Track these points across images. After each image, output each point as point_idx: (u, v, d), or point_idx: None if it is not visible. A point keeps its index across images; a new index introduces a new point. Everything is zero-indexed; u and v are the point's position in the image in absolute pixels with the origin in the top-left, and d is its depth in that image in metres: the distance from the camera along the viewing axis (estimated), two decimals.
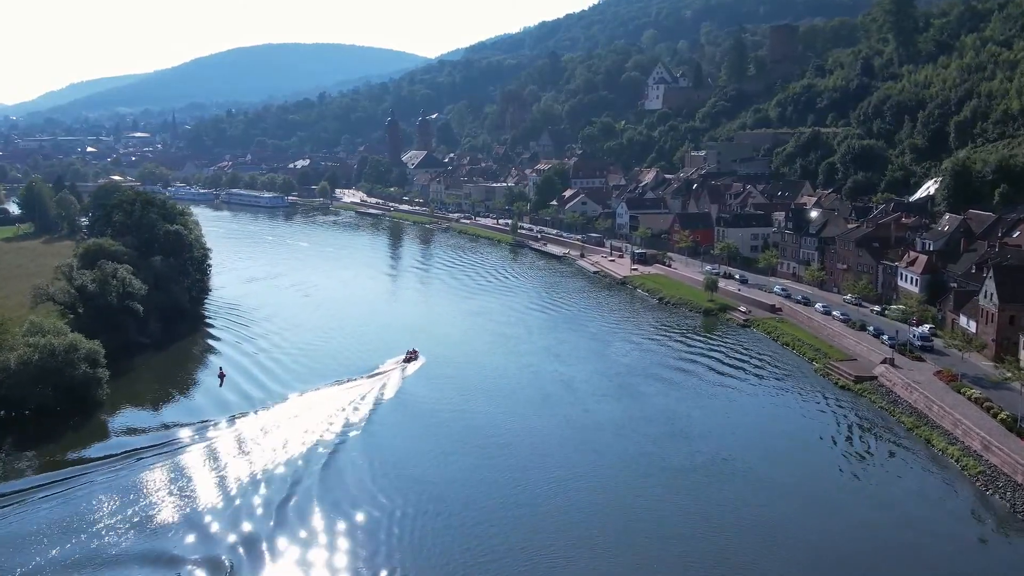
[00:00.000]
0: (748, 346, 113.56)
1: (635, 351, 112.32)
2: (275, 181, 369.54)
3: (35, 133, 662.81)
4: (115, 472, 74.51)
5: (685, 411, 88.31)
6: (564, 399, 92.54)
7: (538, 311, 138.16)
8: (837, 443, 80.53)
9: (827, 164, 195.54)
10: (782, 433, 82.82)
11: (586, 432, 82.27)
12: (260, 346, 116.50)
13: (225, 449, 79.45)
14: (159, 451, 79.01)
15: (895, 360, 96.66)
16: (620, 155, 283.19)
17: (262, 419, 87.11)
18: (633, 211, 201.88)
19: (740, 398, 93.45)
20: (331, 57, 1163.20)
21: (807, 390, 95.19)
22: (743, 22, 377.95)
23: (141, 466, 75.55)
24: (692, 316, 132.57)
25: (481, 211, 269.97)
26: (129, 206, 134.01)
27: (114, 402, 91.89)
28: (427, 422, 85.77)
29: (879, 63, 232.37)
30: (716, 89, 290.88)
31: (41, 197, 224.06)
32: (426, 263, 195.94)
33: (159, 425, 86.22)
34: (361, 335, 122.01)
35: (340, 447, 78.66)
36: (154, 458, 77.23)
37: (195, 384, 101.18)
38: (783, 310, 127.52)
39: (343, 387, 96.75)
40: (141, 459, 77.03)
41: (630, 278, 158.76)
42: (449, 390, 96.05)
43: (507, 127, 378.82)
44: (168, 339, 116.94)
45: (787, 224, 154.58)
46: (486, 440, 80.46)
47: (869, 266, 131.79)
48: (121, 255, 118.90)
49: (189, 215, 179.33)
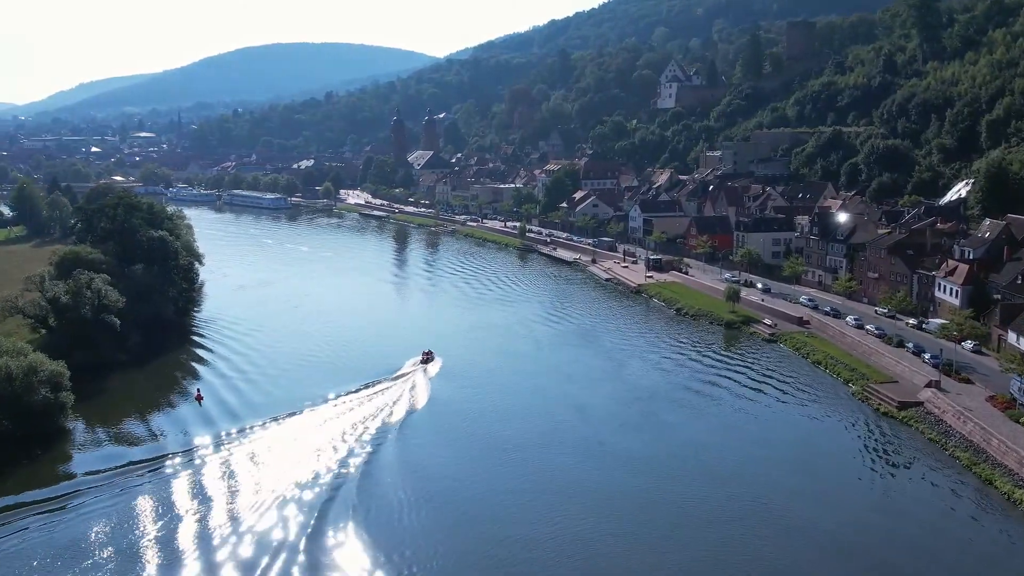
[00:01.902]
0: (776, 364, 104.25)
1: (653, 371, 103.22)
2: (278, 182, 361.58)
3: (42, 133, 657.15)
4: (76, 509, 66.96)
5: (712, 444, 79.03)
6: (576, 429, 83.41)
7: (547, 323, 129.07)
8: (889, 486, 71.20)
9: (850, 165, 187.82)
10: (825, 472, 73.24)
11: (602, 472, 72.87)
12: (252, 361, 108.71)
13: (198, 483, 71.34)
14: (123, 485, 71.41)
15: (941, 383, 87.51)
16: (632, 155, 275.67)
17: (243, 447, 79.06)
18: (647, 214, 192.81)
19: (772, 427, 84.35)
20: (339, 56, 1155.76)
21: (846, 418, 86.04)
22: (757, 19, 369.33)
23: (103, 502, 67.88)
24: (713, 330, 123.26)
25: (488, 213, 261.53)
26: (112, 210, 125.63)
27: (81, 429, 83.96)
28: (422, 474, 74.98)
29: (902, 60, 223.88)
30: (731, 87, 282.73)
31: (33, 199, 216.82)
32: (428, 269, 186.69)
33: (124, 457, 77.69)
34: (351, 352, 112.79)
35: (328, 503, 68.60)
36: (115, 496, 69.34)
37: (172, 406, 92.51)
38: (811, 323, 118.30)
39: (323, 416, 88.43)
40: (100, 496, 69.22)
41: (645, 286, 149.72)
42: (448, 423, 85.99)
43: (515, 126, 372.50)
44: (149, 355, 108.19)
45: (812, 229, 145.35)
46: (482, 491, 70.20)
47: (903, 275, 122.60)
48: (99, 264, 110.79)
49: (182, 219, 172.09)
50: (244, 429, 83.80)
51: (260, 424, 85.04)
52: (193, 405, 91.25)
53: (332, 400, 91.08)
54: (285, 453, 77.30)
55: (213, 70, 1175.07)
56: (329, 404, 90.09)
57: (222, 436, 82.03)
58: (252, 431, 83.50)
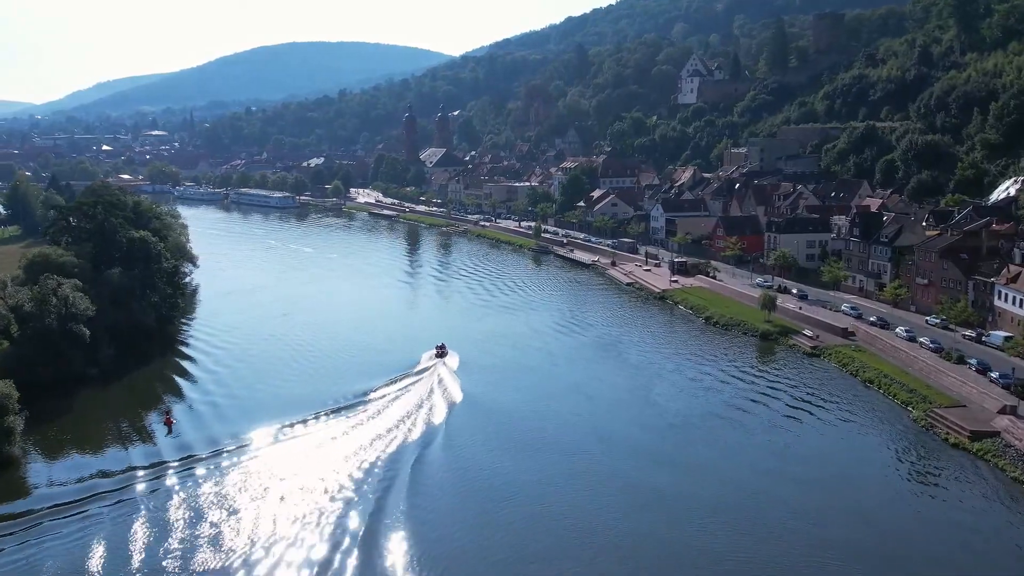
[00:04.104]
0: (821, 384, 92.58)
1: (683, 393, 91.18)
2: (286, 180, 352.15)
3: (55, 132, 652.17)
4: (19, 546, 58.58)
5: (760, 488, 66.69)
6: (599, 465, 71.45)
7: (564, 333, 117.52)
8: (973, 542, 59.04)
9: (885, 162, 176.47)
10: (897, 529, 60.90)
11: (628, 521, 61.48)
12: (238, 375, 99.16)
13: (150, 522, 61.85)
14: (82, 516, 62.95)
15: (1018, 408, 76.04)
16: (652, 153, 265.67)
17: (211, 483, 68.74)
18: (670, 213, 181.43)
19: (826, 463, 71.76)
20: (355, 55, 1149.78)
21: (910, 451, 74.48)
22: (779, 13, 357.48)
23: (29, 548, 58.64)
24: (747, 342, 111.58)
25: (502, 212, 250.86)
26: (90, 209, 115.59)
27: (32, 456, 73.93)
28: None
29: (938, 51, 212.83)
30: (755, 82, 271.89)
31: (27, 198, 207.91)
32: (437, 273, 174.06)
33: (77, 488, 67.91)
34: (341, 369, 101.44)
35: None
36: (71, 529, 60.84)
37: (140, 430, 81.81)
38: (857, 334, 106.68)
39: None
40: (46, 531, 60.73)
41: (670, 292, 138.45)
42: (458, 459, 74.30)
43: (531, 124, 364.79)
44: (124, 368, 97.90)
45: (852, 230, 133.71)
46: (492, 541, 59.61)
47: (957, 282, 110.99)
48: (71, 267, 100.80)
49: (176, 217, 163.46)
50: (216, 454, 73.72)
51: (235, 448, 74.90)
52: (162, 430, 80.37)
53: (306, 430, 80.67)
54: (259, 492, 66.94)
55: (229, 69, 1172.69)
56: (306, 434, 79.71)
57: (191, 465, 71.84)
58: (225, 457, 73.34)
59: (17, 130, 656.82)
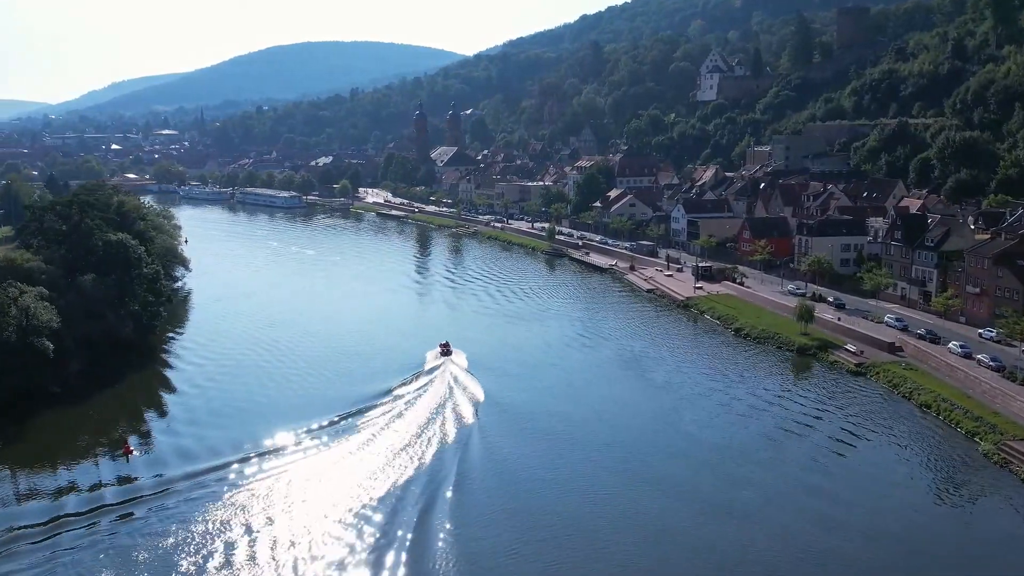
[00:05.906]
0: (870, 408, 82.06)
1: (715, 420, 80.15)
2: (293, 180, 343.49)
3: (67, 131, 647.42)
4: None
5: (811, 543, 56.44)
6: (624, 516, 60.79)
7: (579, 348, 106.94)
8: None
9: (920, 160, 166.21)
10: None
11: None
12: (225, 389, 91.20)
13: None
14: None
15: None
16: (670, 151, 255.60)
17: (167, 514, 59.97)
18: (692, 215, 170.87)
19: (898, 512, 60.95)
20: (369, 55, 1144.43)
21: (984, 493, 64.17)
22: (799, 10, 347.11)
23: None
24: (782, 357, 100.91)
25: (515, 213, 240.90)
26: (64, 209, 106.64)
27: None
28: None
29: (973, 44, 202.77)
30: (778, 78, 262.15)
31: (19, 199, 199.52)
32: (445, 279, 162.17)
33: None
34: (335, 388, 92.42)
35: None
36: None
37: (94, 459, 72.24)
38: (905, 350, 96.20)
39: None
40: None
41: (694, 299, 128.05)
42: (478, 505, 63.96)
43: (545, 122, 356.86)
44: (94, 385, 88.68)
45: (892, 233, 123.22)
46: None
47: (1014, 291, 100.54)
48: (38, 274, 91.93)
49: (169, 218, 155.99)
50: (174, 487, 64.91)
51: (191, 479, 66.27)
52: (119, 461, 71.13)
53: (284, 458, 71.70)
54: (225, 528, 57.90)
55: (242, 68, 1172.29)
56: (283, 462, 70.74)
57: (146, 498, 63.08)
58: (181, 490, 64.48)
59: (29, 129, 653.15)
